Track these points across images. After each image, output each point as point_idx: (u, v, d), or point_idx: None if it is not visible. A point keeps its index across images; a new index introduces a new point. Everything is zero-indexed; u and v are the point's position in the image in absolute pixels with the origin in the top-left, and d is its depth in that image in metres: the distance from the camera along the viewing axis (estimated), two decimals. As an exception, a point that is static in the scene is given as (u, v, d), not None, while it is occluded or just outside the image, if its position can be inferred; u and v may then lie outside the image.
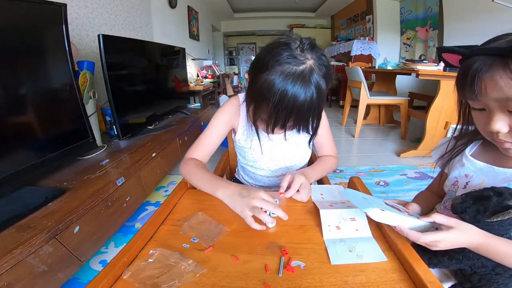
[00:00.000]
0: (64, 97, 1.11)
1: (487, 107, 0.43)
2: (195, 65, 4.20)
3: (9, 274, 0.66)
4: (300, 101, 0.50)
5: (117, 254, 0.42)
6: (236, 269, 0.41)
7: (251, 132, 0.72)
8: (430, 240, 0.42)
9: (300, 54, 0.51)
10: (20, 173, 0.89)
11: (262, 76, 0.51)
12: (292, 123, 0.55)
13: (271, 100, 0.50)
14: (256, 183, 0.84)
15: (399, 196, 1.61)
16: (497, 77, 0.38)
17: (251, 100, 0.58)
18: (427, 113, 2.11)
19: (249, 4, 6.22)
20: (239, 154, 0.84)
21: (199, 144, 0.72)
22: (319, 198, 0.61)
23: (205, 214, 0.54)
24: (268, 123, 0.56)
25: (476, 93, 0.41)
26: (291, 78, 0.49)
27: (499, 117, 0.41)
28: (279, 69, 0.49)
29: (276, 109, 0.51)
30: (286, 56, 0.50)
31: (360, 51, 4.34)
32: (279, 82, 0.49)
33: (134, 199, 1.27)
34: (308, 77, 0.50)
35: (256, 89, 0.53)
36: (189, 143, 2.15)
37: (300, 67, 0.50)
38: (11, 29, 0.87)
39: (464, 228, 0.42)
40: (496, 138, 0.44)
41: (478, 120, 0.47)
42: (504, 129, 0.42)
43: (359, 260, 0.41)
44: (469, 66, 0.42)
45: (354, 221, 0.50)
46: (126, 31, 2.35)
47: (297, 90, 0.49)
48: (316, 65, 0.51)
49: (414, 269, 0.38)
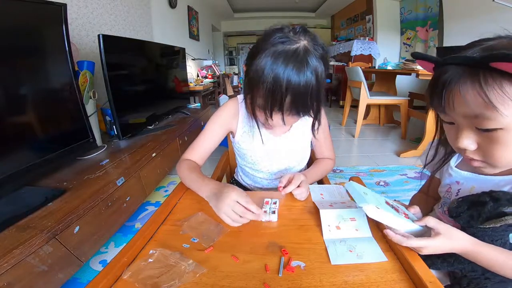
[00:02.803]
0: (64, 97, 1.11)
1: (456, 121, 0.40)
2: (195, 65, 4.20)
3: (9, 274, 0.65)
4: (295, 81, 0.48)
5: (117, 254, 0.42)
6: (236, 269, 0.41)
7: (250, 133, 0.72)
8: (413, 245, 0.41)
9: (293, 36, 0.50)
10: (20, 173, 0.88)
11: (256, 61, 0.50)
12: (289, 105, 0.52)
13: (265, 82, 0.49)
14: (255, 185, 0.84)
15: (399, 196, 1.61)
16: (464, 91, 0.35)
17: (248, 88, 0.57)
18: (427, 113, 2.11)
19: (249, 4, 6.22)
20: (238, 156, 0.83)
21: (194, 147, 0.73)
22: (319, 198, 0.61)
23: (205, 214, 0.54)
24: (265, 107, 0.53)
25: (443, 106, 0.39)
26: (283, 56, 0.48)
27: (467, 134, 0.39)
28: (272, 49, 0.49)
29: (271, 91, 0.49)
30: (278, 37, 0.50)
31: (360, 51, 4.34)
32: (272, 62, 0.48)
33: (134, 199, 1.27)
34: (302, 57, 0.49)
35: (251, 75, 0.53)
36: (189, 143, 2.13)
37: (294, 46, 0.49)
38: (11, 29, 0.87)
39: (452, 235, 0.41)
40: (464, 154, 0.42)
41: (448, 133, 0.45)
42: (471, 147, 0.39)
43: (359, 260, 0.41)
44: (439, 75, 0.39)
45: (354, 221, 0.50)
46: (126, 31, 2.35)
47: (290, 69, 0.48)
48: (311, 45, 0.51)
49: (414, 269, 0.38)
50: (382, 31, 4.51)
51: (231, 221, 0.50)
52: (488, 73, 0.33)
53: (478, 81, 0.34)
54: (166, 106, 2.17)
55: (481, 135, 0.38)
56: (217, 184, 0.57)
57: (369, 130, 3.15)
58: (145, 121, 1.82)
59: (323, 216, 0.51)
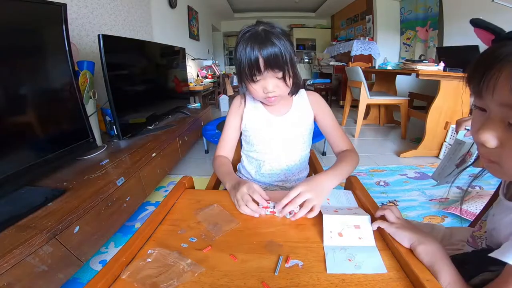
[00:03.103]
0: (64, 97, 1.11)
1: (488, 109, 0.33)
2: (195, 65, 4.21)
3: (9, 274, 0.66)
4: (261, 47, 0.61)
5: (115, 254, 0.42)
6: (234, 268, 0.41)
7: (255, 116, 0.80)
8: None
9: (254, 26, 0.66)
10: (20, 173, 0.89)
11: (236, 53, 0.66)
12: (264, 66, 0.63)
13: (243, 58, 0.63)
14: (258, 172, 0.84)
15: (399, 196, 1.61)
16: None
17: (238, 75, 0.69)
18: (427, 113, 2.11)
19: (249, 4, 6.22)
20: (244, 140, 0.87)
21: (221, 142, 0.83)
22: (325, 203, 0.58)
23: (220, 206, 0.58)
24: (248, 77, 0.66)
25: (482, 87, 0.32)
26: (249, 37, 0.63)
27: (493, 126, 0.32)
28: (242, 39, 0.64)
29: (246, 62, 0.63)
30: (244, 31, 0.65)
31: (360, 51, 4.34)
32: (243, 45, 0.63)
33: (134, 199, 1.27)
34: (263, 34, 0.63)
35: (235, 64, 0.68)
36: (189, 143, 2.15)
37: (255, 29, 0.64)
38: (11, 29, 0.87)
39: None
40: (480, 148, 0.36)
41: (474, 119, 0.38)
42: (491, 142, 0.32)
43: (356, 270, 0.40)
44: (493, 50, 0.32)
45: (358, 228, 0.48)
46: (126, 31, 2.36)
47: (254, 42, 0.62)
48: (268, 27, 0.65)
49: (411, 267, 0.38)
50: (382, 31, 4.51)
51: (243, 209, 0.56)
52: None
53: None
54: (166, 106, 2.17)
55: (509, 134, 0.32)
56: (237, 179, 0.66)
57: (369, 130, 3.15)
58: (145, 121, 1.82)
59: (326, 222, 0.49)
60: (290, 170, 0.83)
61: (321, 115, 0.82)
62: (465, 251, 0.49)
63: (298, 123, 0.80)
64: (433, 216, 1.38)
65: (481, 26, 0.35)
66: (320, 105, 0.82)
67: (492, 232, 0.42)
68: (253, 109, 0.81)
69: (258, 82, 0.66)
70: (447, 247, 0.54)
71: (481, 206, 1.25)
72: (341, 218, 0.50)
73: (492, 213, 0.45)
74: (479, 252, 0.45)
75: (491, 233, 0.43)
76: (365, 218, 0.49)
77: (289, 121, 0.79)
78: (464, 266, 0.41)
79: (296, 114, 0.80)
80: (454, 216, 1.37)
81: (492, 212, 0.45)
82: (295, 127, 0.80)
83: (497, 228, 0.41)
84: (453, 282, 0.37)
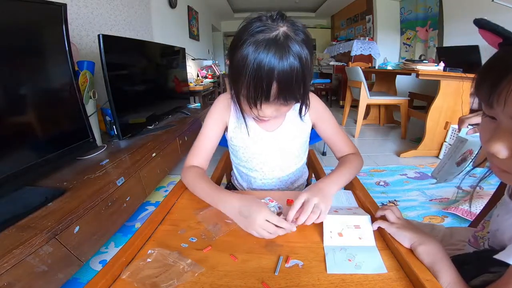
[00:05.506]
0: (64, 97, 1.11)
1: (498, 119, 0.31)
2: (195, 65, 4.20)
3: (9, 274, 0.66)
4: (278, 67, 0.47)
5: (115, 254, 0.42)
6: (234, 268, 0.41)
7: (241, 128, 0.69)
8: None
9: (271, 23, 0.49)
10: (20, 173, 0.89)
11: (237, 53, 0.49)
12: (275, 92, 0.51)
13: (249, 72, 0.48)
14: (250, 187, 0.80)
15: (399, 196, 1.61)
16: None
17: (232, 81, 0.55)
18: (427, 113, 2.11)
19: (249, 4, 6.21)
20: (232, 154, 0.80)
21: (195, 150, 0.70)
22: None
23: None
24: (251, 98, 0.51)
25: (492, 97, 0.29)
26: (264, 45, 0.47)
27: (504, 137, 0.30)
28: (251, 40, 0.48)
29: (255, 79, 0.48)
30: (256, 26, 0.49)
31: (360, 51, 4.34)
32: (253, 52, 0.47)
33: (134, 199, 1.27)
34: (283, 43, 0.47)
35: (233, 68, 0.52)
36: (189, 143, 2.15)
37: (273, 33, 0.48)
38: (11, 29, 0.87)
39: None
40: (490, 158, 0.34)
41: (482, 126, 0.36)
42: (502, 153, 0.31)
43: (356, 270, 0.40)
44: (502, 57, 0.30)
45: (359, 228, 0.48)
46: (126, 31, 2.35)
47: (272, 55, 0.47)
48: (291, 30, 0.49)
49: (411, 267, 0.38)
50: (382, 31, 4.51)
51: (264, 235, 0.48)
52: None
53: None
54: (166, 106, 2.17)
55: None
56: (240, 200, 0.53)
57: (369, 130, 3.15)
58: (145, 121, 1.82)
59: (326, 222, 0.49)
60: (284, 183, 0.78)
61: (320, 124, 0.73)
62: (466, 251, 0.49)
63: (293, 137, 0.72)
64: (433, 216, 1.38)
65: (487, 28, 0.33)
66: (318, 112, 0.72)
67: (495, 233, 0.42)
68: (240, 121, 0.68)
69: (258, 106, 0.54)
70: (447, 247, 0.54)
71: (481, 206, 1.25)
72: (341, 218, 0.50)
73: (496, 213, 0.44)
74: (480, 252, 0.45)
75: (494, 234, 0.43)
76: (365, 218, 0.49)
77: (282, 135, 0.70)
78: (464, 266, 0.41)
79: (290, 128, 0.70)
80: (454, 216, 1.37)
81: (496, 213, 0.44)
82: (289, 141, 0.71)
83: (501, 229, 0.41)
84: (454, 282, 0.37)
